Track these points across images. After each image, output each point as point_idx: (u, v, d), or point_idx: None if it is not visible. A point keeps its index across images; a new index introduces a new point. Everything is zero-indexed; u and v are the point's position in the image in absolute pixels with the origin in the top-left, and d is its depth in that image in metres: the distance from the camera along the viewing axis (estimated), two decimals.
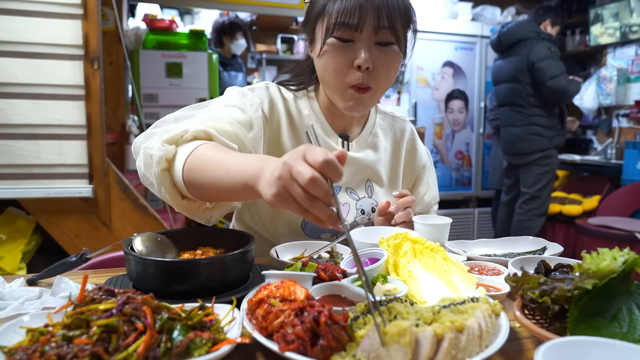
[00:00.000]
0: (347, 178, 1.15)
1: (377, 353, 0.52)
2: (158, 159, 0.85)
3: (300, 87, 1.16)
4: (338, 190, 1.13)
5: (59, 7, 1.93)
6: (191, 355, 0.52)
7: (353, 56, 0.98)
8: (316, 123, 1.13)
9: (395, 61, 1.01)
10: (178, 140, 0.89)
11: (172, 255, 0.84)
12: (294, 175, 0.60)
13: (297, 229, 1.11)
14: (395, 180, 1.23)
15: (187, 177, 0.84)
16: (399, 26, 0.98)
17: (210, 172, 0.80)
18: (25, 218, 2.14)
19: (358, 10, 0.94)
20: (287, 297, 0.61)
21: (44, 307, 0.74)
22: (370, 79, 0.99)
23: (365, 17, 0.94)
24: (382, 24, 0.95)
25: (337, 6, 0.96)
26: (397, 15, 0.97)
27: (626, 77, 3.84)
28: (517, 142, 3.34)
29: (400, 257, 0.82)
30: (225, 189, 0.78)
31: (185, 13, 4.40)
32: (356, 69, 0.98)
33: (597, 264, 0.60)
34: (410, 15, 1.01)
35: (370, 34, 0.97)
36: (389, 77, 1.03)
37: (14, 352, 0.50)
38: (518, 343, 0.65)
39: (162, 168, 0.86)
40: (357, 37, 0.97)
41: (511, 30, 3.29)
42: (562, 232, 3.66)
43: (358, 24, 0.95)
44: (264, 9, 3.23)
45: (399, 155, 1.24)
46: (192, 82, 3.21)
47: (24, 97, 1.92)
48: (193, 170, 0.83)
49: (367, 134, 1.20)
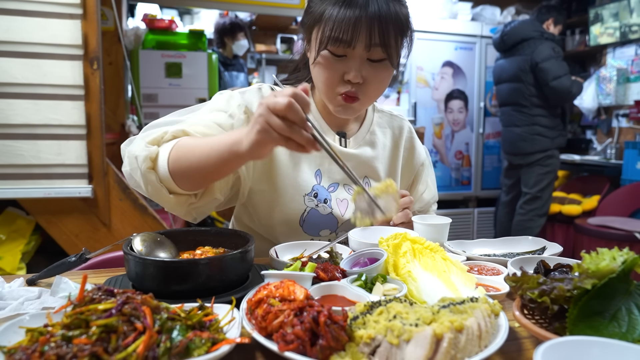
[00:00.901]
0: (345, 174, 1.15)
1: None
2: (143, 158, 0.90)
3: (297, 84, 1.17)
4: (336, 186, 1.13)
5: (58, 7, 1.93)
6: (190, 355, 0.52)
7: (344, 70, 0.99)
8: (312, 121, 1.13)
9: (386, 76, 1.04)
10: (159, 141, 0.94)
11: (172, 255, 0.84)
12: (271, 108, 0.69)
13: (296, 226, 1.12)
14: (393, 177, 1.23)
15: (173, 167, 0.89)
16: (392, 42, 0.98)
17: (195, 155, 0.86)
18: (25, 218, 2.14)
19: (351, 27, 0.94)
20: (287, 297, 0.61)
21: (43, 307, 0.74)
22: (361, 91, 1.02)
23: (358, 34, 0.95)
24: (374, 41, 0.96)
25: (332, 18, 0.96)
26: (391, 31, 0.97)
27: (626, 77, 3.84)
28: (519, 142, 3.34)
29: (399, 257, 0.82)
30: (212, 163, 0.84)
31: (184, 13, 4.40)
32: (347, 82, 1.00)
33: (596, 263, 0.60)
34: (405, 29, 1.01)
35: (363, 51, 0.98)
36: (379, 90, 1.06)
37: (14, 352, 0.50)
38: (517, 343, 0.65)
39: (147, 167, 0.91)
40: (349, 53, 0.99)
41: (514, 29, 3.29)
42: (561, 232, 3.66)
43: (350, 40, 0.96)
44: (263, 9, 3.23)
45: (398, 153, 1.25)
46: (192, 82, 3.21)
47: (24, 97, 1.92)
48: (178, 159, 0.88)
49: (365, 131, 1.20)
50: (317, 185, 1.12)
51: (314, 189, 1.11)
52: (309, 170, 1.12)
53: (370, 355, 0.54)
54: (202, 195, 0.99)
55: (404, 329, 0.54)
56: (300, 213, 1.10)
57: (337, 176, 1.14)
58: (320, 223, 1.12)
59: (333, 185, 1.14)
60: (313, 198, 1.10)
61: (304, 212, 1.10)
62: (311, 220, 1.11)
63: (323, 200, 1.11)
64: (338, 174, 1.14)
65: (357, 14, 0.93)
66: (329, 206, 1.11)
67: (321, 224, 1.12)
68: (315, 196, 1.11)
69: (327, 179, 1.14)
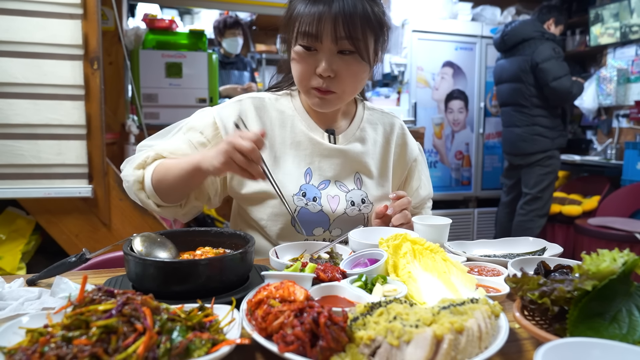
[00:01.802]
0: (336, 171, 1.16)
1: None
2: (132, 182, 1.10)
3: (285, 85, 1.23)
4: (327, 183, 1.15)
5: (58, 7, 1.93)
6: (190, 356, 0.52)
7: (316, 64, 1.03)
8: (300, 120, 1.17)
9: (359, 70, 1.06)
10: (144, 165, 1.11)
11: (172, 255, 0.84)
12: (237, 147, 0.89)
13: (288, 225, 1.13)
14: (385, 172, 1.23)
15: (156, 187, 1.08)
16: (359, 35, 1.00)
17: (170, 175, 1.05)
18: (25, 218, 2.14)
19: (316, 20, 0.99)
20: (287, 298, 0.61)
21: (43, 308, 0.74)
22: (334, 85, 1.05)
23: (322, 27, 0.99)
24: (339, 34, 0.99)
25: (300, 14, 1.01)
26: (357, 24, 0.99)
27: (626, 77, 3.84)
28: (519, 142, 3.33)
29: (399, 257, 0.82)
30: (182, 179, 1.03)
31: (185, 13, 4.41)
32: (319, 77, 1.03)
33: (596, 265, 0.60)
34: (374, 23, 1.03)
35: (331, 44, 1.01)
36: (354, 84, 1.08)
37: (14, 352, 0.50)
38: (517, 344, 0.65)
39: (137, 188, 1.10)
40: (318, 47, 1.02)
41: (515, 29, 3.28)
42: (561, 233, 3.66)
43: (317, 34, 1.00)
44: (263, 9, 3.23)
45: (389, 149, 1.25)
46: (192, 82, 3.20)
47: (24, 97, 1.92)
48: (159, 180, 1.07)
49: (355, 128, 1.21)
50: (305, 185, 1.13)
51: (301, 189, 1.12)
52: (297, 170, 1.13)
53: (371, 356, 0.54)
54: (185, 205, 1.16)
55: (404, 330, 0.54)
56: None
57: (327, 173, 1.15)
58: (312, 221, 1.12)
59: (324, 182, 1.15)
60: (302, 197, 1.11)
61: (294, 211, 1.11)
62: (303, 219, 1.11)
63: (312, 198, 1.12)
64: (329, 171, 1.15)
65: (321, 9, 0.98)
66: (318, 204, 1.12)
67: (313, 222, 1.13)
68: (303, 195, 1.12)
69: (317, 177, 1.14)
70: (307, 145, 1.15)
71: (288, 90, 1.22)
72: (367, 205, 1.17)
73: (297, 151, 1.15)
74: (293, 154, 1.15)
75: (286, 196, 1.10)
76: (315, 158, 1.15)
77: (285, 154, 1.15)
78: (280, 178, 1.11)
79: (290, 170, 1.13)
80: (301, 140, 1.15)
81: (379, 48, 1.09)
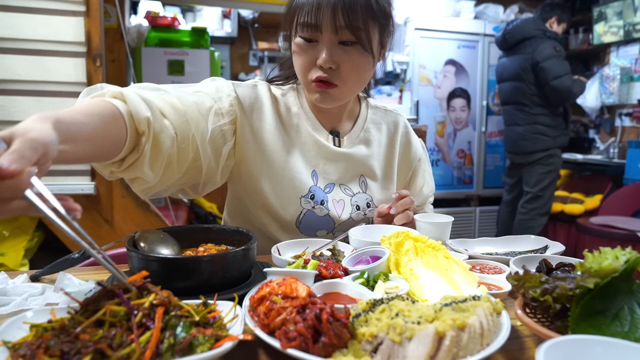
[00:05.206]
0: (340, 174, 1.13)
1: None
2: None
3: (288, 82, 1.18)
4: (332, 187, 1.12)
5: (61, 4, 1.93)
6: (194, 351, 0.52)
7: (316, 55, 0.99)
8: (305, 119, 1.13)
9: (362, 62, 1.01)
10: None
11: (174, 252, 0.84)
12: None
13: (292, 227, 1.10)
14: (390, 174, 1.21)
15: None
16: (360, 24, 0.96)
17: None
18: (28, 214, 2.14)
19: (315, 9, 0.95)
20: (289, 295, 0.61)
21: (47, 303, 0.74)
22: (336, 77, 1.00)
23: (321, 16, 0.95)
24: (339, 23, 0.95)
25: (299, 6, 0.98)
26: (359, 13, 0.95)
27: (629, 75, 3.82)
28: (521, 141, 3.33)
29: (401, 255, 0.83)
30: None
31: (187, 10, 4.40)
32: (319, 68, 0.99)
33: (599, 263, 0.60)
34: (376, 13, 0.98)
35: (332, 34, 0.97)
36: (357, 77, 1.03)
37: (18, 347, 0.50)
38: (519, 341, 0.65)
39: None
40: (319, 37, 0.98)
41: (517, 28, 3.27)
42: (563, 231, 3.65)
43: (316, 24, 0.96)
44: (265, 7, 3.22)
45: (394, 149, 1.22)
46: (194, 80, 3.15)
47: (27, 94, 1.93)
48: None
49: (359, 129, 1.18)
50: (314, 187, 1.09)
51: (310, 190, 1.08)
52: (306, 171, 1.10)
53: (373, 352, 0.54)
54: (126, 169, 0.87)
55: (406, 326, 0.54)
56: (296, 215, 1.08)
57: (332, 176, 1.12)
58: (316, 224, 1.10)
59: (329, 185, 1.12)
60: (310, 200, 1.08)
61: (300, 214, 1.08)
62: (307, 222, 1.09)
63: (320, 202, 1.09)
64: (333, 174, 1.12)
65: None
66: (325, 207, 1.09)
67: (318, 225, 1.11)
68: (312, 198, 1.08)
69: (322, 180, 1.11)
70: (312, 147, 1.11)
71: (294, 85, 1.18)
72: (372, 210, 1.15)
73: (303, 152, 1.11)
74: (300, 153, 1.11)
75: (295, 197, 1.07)
76: (320, 161, 1.11)
77: (295, 151, 1.10)
78: (290, 176, 1.07)
79: (300, 169, 1.09)
80: (306, 141, 1.11)
81: (385, 40, 1.05)
